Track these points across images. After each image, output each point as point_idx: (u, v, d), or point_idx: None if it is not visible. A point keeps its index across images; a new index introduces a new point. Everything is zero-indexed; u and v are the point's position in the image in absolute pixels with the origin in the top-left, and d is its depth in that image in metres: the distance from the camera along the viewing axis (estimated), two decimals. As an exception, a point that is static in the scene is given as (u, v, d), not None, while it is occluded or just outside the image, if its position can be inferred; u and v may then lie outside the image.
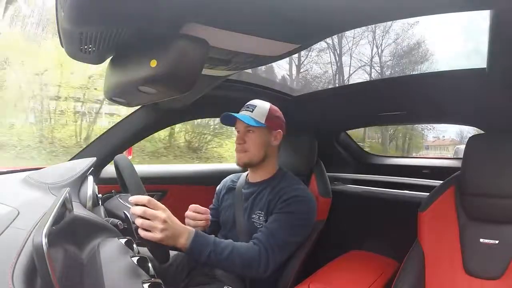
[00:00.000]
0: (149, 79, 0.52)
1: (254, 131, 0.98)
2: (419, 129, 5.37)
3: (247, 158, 0.98)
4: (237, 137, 1.00)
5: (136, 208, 0.68)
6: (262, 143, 0.98)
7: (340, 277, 0.98)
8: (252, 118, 0.96)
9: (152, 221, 0.68)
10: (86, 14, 0.43)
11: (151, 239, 0.68)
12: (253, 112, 0.97)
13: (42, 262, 0.37)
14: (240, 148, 0.98)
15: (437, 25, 3.32)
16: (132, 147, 2.20)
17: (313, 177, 1.22)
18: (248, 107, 1.00)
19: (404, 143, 5.61)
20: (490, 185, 0.79)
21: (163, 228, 0.68)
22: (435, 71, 1.03)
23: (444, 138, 4.98)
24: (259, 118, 0.97)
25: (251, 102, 1.01)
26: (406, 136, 5.55)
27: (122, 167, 0.72)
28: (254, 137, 0.98)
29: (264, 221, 0.94)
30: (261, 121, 0.97)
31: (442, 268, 0.82)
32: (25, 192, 0.74)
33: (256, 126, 0.96)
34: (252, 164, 1.00)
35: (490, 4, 0.54)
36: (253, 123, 0.95)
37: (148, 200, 0.68)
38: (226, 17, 0.53)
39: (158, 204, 0.70)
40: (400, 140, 5.60)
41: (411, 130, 5.43)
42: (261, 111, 0.98)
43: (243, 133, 0.99)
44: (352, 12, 0.54)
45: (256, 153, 0.98)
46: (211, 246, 0.78)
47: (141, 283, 0.52)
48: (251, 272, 0.84)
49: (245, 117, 0.96)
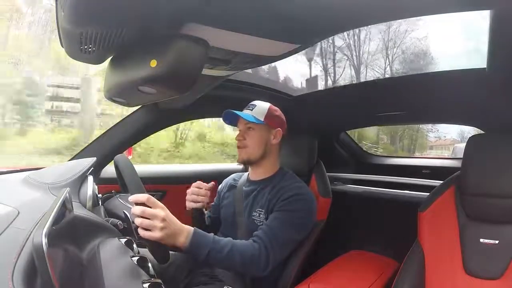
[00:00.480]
0: (149, 79, 0.52)
1: (253, 129, 1.01)
2: (424, 131, 5.64)
3: (246, 155, 1.01)
4: (237, 135, 1.03)
5: (135, 207, 0.68)
6: (261, 140, 1.01)
7: (340, 277, 0.98)
8: (252, 115, 0.99)
9: (151, 220, 0.68)
10: (86, 14, 0.43)
11: (151, 238, 0.68)
12: (253, 111, 1.01)
13: (42, 262, 0.37)
14: (240, 144, 1.01)
15: (438, 22, 3.31)
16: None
17: (313, 177, 1.22)
18: (248, 106, 1.03)
19: (410, 144, 5.90)
20: (490, 185, 0.79)
21: (162, 226, 0.68)
22: (435, 71, 1.03)
23: (446, 138, 5.13)
24: (258, 116, 1.00)
25: (252, 102, 1.04)
26: (412, 137, 5.79)
27: (122, 167, 0.72)
28: (253, 134, 1.01)
29: (265, 218, 0.94)
30: (260, 119, 0.99)
31: (442, 268, 0.82)
32: (25, 192, 0.74)
33: (256, 123, 0.99)
34: (251, 161, 1.02)
35: (490, 4, 0.54)
36: (252, 119, 0.98)
37: (147, 198, 0.68)
38: (226, 17, 0.53)
39: (157, 202, 0.70)
40: (407, 140, 5.88)
41: (417, 132, 5.68)
42: (261, 110, 1.01)
43: (244, 130, 1.02)
44: (352, 12, 0.54)
45: (255, 149, 1.01)
46: (210, 244, 0.78)
47: (141, 283, 0.52)
48: (251, 269, 0.84)
49: (245, 114, 0.99)
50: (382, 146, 5.36)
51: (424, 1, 0.51)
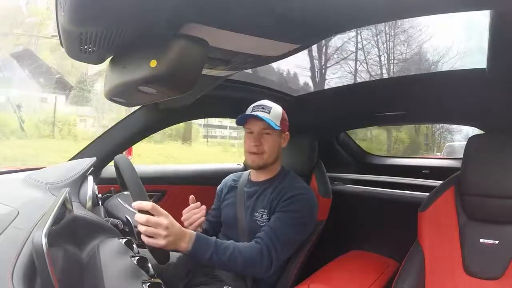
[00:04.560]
0: (149, 79, 0.52)
1: (270, 134, 0.96)
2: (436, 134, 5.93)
3: (263, 161, 0.97)
4: (253, 138, 0.96)
5: (139, 216, 0.68)
6: (276, 146, 0.98)
7: (340, 277, 0.98)
8: (272, 120, 0.94)
9: (156, 228, 0.68)
10: (86, 14, 0.43)
11: (155, 246, 0.69)
12: (270, 114, 0.95)
13: (42, 262, 0.37)
14: (257, 150, 0.96)
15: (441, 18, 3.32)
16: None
17: (313, 177, 1.22)
18: (263, 108, 0.97)
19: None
20: (490, 185, 0.79)
21: (166, 235, 0.68)
22: (435, 71, 1.03)
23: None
24: (276, 120, 0.95)
25: (264, 102, 0.99)
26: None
27: (122, 167, 0.72)
28: (271, 139, 0.96)
29: (267, 219, 0.94)
30: (278, 124, 0.95)
31: (442, 268, 0.82)
32: (25, 192, 0.74)
33: (275, 129, 0.95)
34: (266, 167, 0.99)
35: (490, 4, 0.54)
36: (274, 125, 0.93)
37: (151, 207, 0.68)
38: (226, 17, 0.53)
39: (160, 210, 0.70)
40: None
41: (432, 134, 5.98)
42: (277, 114, 0.97)
43: (259, 134, 0.96)
44: (352, 12, 0.54)
45: (271, 155, 0.97)
46: (212, 248, 0.78)
47: (141, 283, 0.52)
48: (254, 271, 0.84)
49: (269, 120, 0.93)
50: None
51: (424, 1, 0.51)
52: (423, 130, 6.02)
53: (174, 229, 0.71)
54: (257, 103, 0.99)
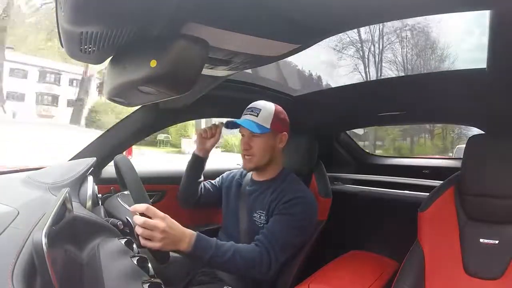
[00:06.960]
0: (149, 79, 0.52)
1: (259, 136, 0.96)
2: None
3: (253, 164, 0.98)
4: (242, 142, 0.99)
5: (137, 217, 0.69)
6: (267, 148, 0.97)
7: (340, 277, 0.98)
8: (256, 123, 0.94)
9: (152, 231, 0.68)
10: (86, 14, 0.43)
11: (152, 247, 0.69)
12: (258, 117, 0.95)
13: (42, 262, 0.37)
14: (246, 153, 0.97)
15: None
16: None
17: (313, 177, 1.22)
18: (252, 110, 0.97)
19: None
20: (490, 185, 0.79)
21: (161, 237, 0.69)
22: (436, 71, 1.03)
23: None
24: (264, 123, 0.95)
25: (256, 104, 0.99)
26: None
27: (122, 167, 0.72)
28: (259, 142, 0.96)
29: (265, 221, 0.94)
30: (266, 126, 0.94)
31: (442, 268, 0.82)
32: (25, 192, 0.74)
33: (260, 133, 0.94)
34: (258, 169, 1.00)
35: (490, 4, 0.54)
36: (257, 130, 0.93)
37: (146, 209, 0.68)
38: (226, 17, 0.53)
39: (156, 212, 0.70)
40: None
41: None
42: (266, 115, 0.96)
43: (248, 137, 0.97)
44: (352, 12, 0.54)
45: (261, 158, 0.97)
46: (212, 249, 0.78)
47: (141, 283, 0.52)
48: (253, 273, 0.84)
49: (250, 124, 0.93)
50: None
51: (424, 1, 0.51)
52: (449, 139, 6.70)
53: (172, 231, 0.71)
54: (250, 105, 0.99)
